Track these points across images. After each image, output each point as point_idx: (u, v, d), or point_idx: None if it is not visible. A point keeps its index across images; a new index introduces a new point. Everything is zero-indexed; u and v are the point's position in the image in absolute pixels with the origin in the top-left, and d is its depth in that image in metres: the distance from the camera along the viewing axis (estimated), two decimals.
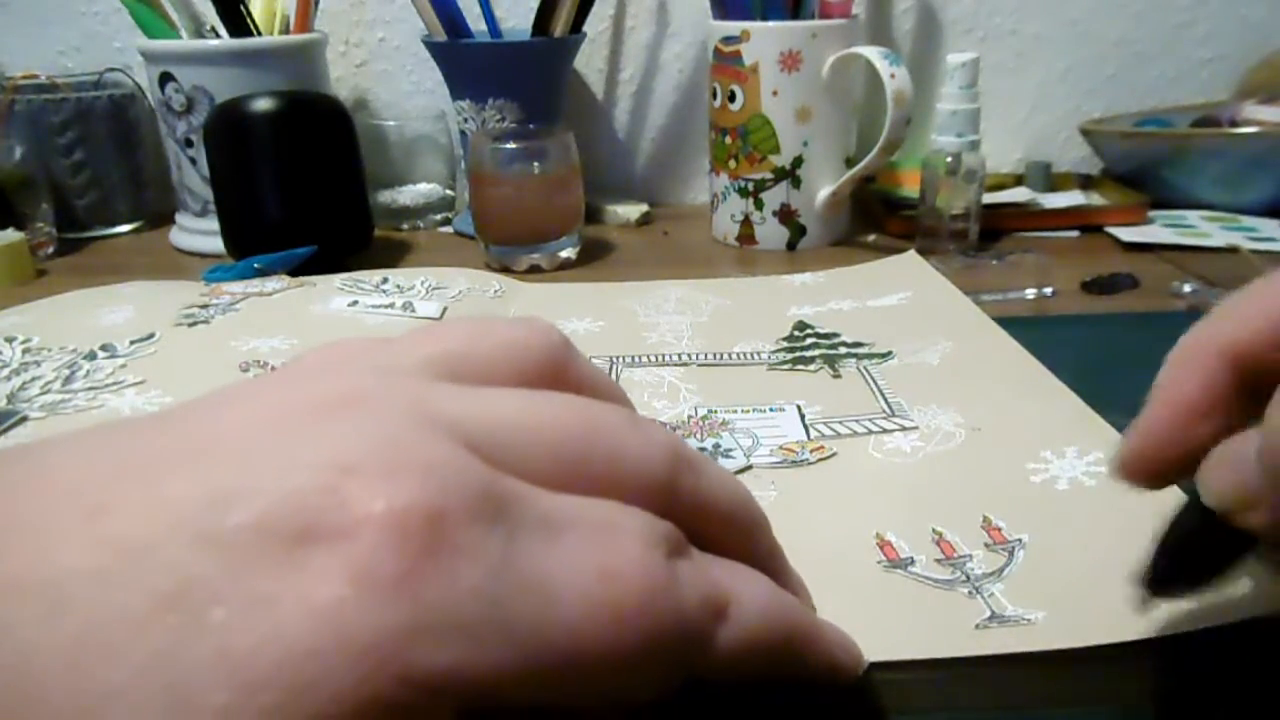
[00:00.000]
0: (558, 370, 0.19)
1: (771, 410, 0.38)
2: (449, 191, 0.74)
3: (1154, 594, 0.23)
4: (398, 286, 0.53)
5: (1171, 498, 0.29)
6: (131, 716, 0.11)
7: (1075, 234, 0.64)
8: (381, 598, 0.12)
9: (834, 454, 0.34)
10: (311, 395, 0.15)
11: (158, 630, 0.12)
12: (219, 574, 0.12)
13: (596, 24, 0.74)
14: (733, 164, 0.63)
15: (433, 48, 0.65)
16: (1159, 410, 0.21)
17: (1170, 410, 0.21)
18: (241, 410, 0.15)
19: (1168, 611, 0.24)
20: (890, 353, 0.43)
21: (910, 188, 0.66)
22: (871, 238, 0.66)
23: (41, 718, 0.11)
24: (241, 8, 0.63)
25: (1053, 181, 0.70)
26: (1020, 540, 0.28)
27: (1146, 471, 0.22)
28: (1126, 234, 0.61)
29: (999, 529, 0.29)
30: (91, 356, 0.44)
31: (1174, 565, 0.22)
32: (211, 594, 0.12)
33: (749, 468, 0.34)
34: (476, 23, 0.64)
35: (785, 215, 0.63)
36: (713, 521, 0.18)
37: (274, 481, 0.13)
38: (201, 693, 0.11)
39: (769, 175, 0.62)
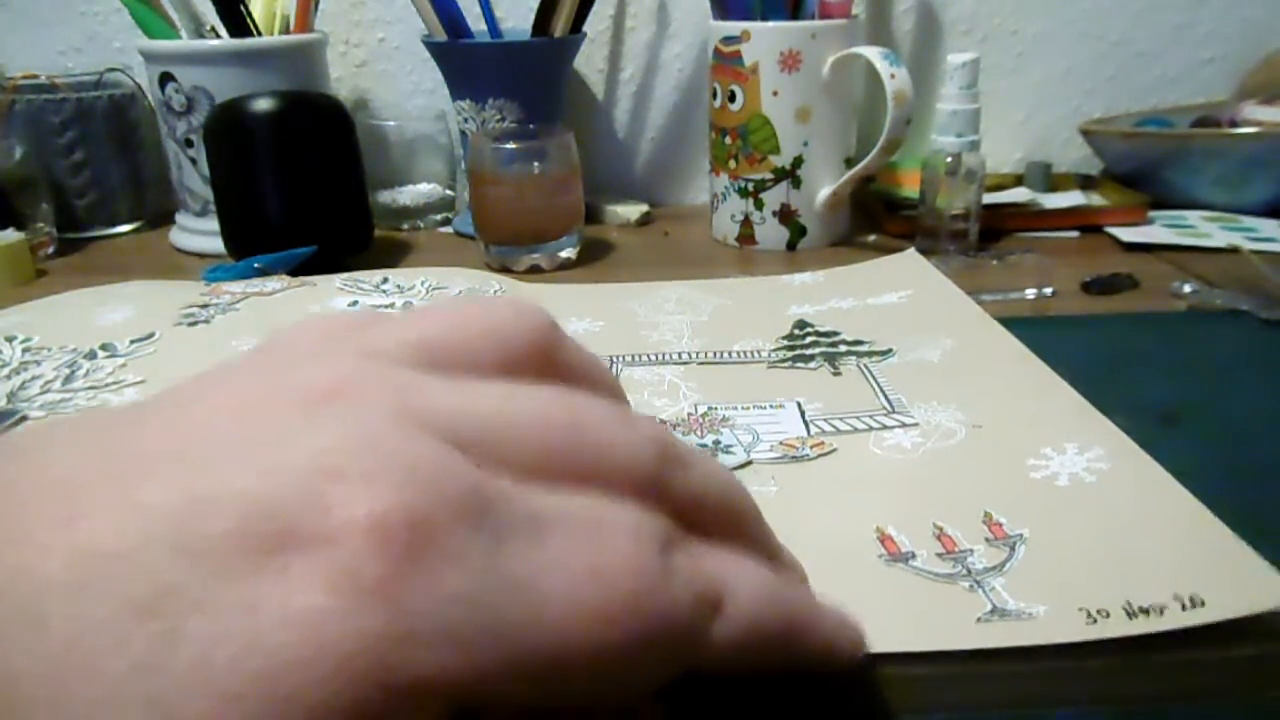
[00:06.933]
0: (545, 355, 0.18)
1: (771, 407, 0.38)
2: (449, 191, 0.74)
3: None
4: (398, 286, 0.53)
5: (1168, 498, 0.29)
6: None
7: (1075, 234, 0.64)
8: (362, 605, 0.12)
9: (834, 450, 0.34)
10: (293, 384, 0.15)
11: (137, 640, 0.11)
12: (198, 582, 0.12)
13: (596, 24, 0.74)
14: (733, 164, 0.63)
15: (433, 48, 0.65)
16: None
17: None
18: (222, 399, 0.15)
19: (1169, 610, 0.24)
20: (890, 350, 0.43)
21: (910, 188, 0.66)
22: (871, 238, 0.66)
23: None
24: (241, 8, 0.63)
25: (1053, 182, 0.70)
26: (1021, 535, 0.28)
27: None
28: (1126, 234, 0.61)
29: (1000, 524, 0.29)
30: (92, 356, 0.44)
31: None
32: (190, 602, 0.12)
33: (749, 463, 0.34)
34: (476, 23, 0.64)
35: (785, 215, 0.63)
36: (704, 513, 0.18)
37: (254, 485, 0.13)
38: (182, 703, 0.11)
39: (769, 175, 0.62)
